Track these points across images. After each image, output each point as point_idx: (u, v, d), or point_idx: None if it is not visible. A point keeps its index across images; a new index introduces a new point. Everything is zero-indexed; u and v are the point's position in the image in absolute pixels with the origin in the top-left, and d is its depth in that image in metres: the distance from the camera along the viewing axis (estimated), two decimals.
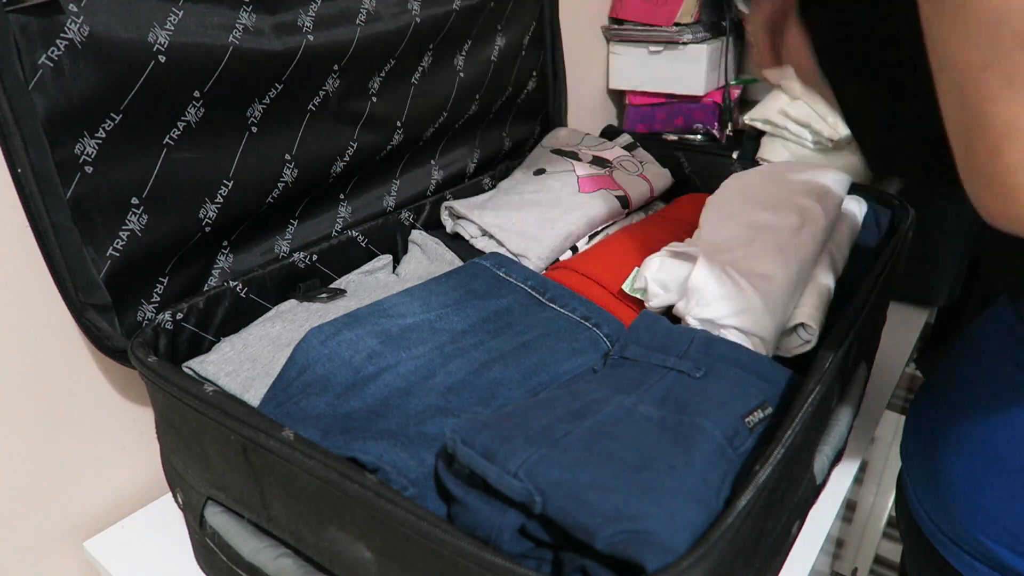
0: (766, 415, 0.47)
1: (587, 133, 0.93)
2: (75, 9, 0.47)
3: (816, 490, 0.50)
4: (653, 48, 1.14)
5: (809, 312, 0.58)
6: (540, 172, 0.83)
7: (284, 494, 0.43)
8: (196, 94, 0.55)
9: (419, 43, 0.72)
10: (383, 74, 0.70)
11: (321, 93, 0.64)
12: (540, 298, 0.62)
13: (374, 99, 0.70)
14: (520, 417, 0.44)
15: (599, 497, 0.37)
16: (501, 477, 0.39)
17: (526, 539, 0.39)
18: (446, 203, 0.78)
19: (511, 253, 0.71)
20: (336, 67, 0.64)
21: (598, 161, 0.84)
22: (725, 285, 0.57)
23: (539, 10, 0.90)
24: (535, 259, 0.71)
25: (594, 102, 1.22)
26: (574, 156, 0.85)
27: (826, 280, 0.62)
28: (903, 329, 0.90)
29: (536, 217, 0.73)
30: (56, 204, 0.50)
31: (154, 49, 0.51)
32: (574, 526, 0.36)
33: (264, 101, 0.60)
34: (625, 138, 0.90)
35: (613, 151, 0.87)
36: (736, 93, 1.19)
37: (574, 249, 0.75)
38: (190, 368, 0.55)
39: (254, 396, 0.52)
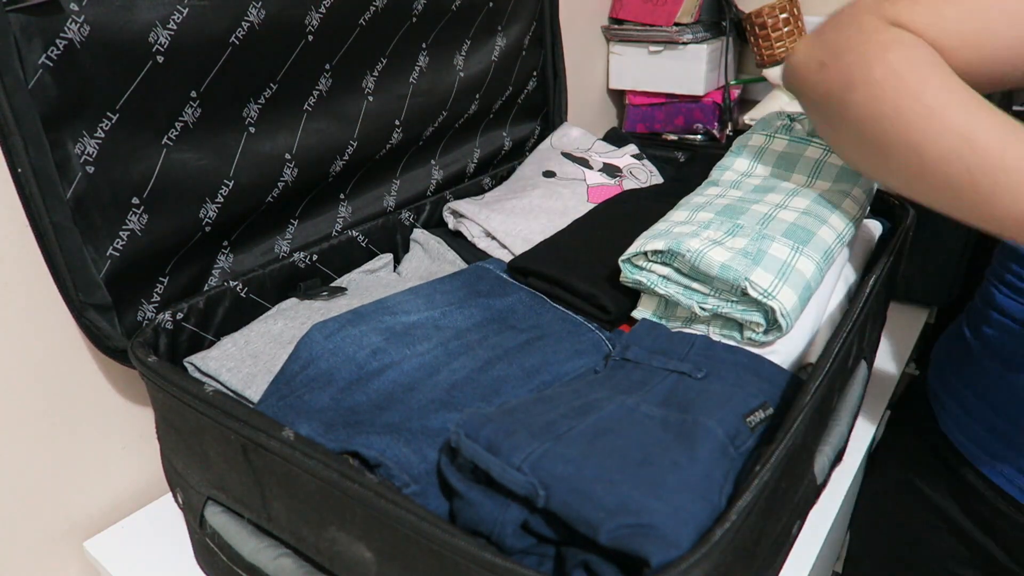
0: (767, 415, 0.47)
1: (598, 138, 0.93)
2: (75, 8, 0.47)
3: (817, 490, 0.50)
4: (653, 48, 1.14)
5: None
6: (550, 174, 0.82)
7: (284, 494, 0.43)
8: (192, 94, 0.55)
9: (415, 41, 0.72)
10: (376, 73, 0.70)
11: (315, 92, 0.64)
12: (544, 298, 0.62)
13: (370, 98, 0.70)
14: (523, 412, 0.44)
15: (603, 491, 0.36)
16: (505, 471, 0.39)
17: (529, 534, 0.39)
18: (449, 204, 0.78)
19: None
20: (328, 66, 0.64)
21: (608, 169, 0.84)
22: None
23: (539, 10, 0.90)
24: None
25: (594, 102, 1.22)
26: (584, 163, 0.85)
27: (826, 288, 0.61)
28: (903, 329, 0.90)
29: (543, 225, 0.73)
30: (56, 204, 0.50)
31: (153, 49, 0.51)
32: (577, 520, 0.36)
33: (259, 101, 0.60)
34: (632, 148, 0.90)
35: (624, 159, 0.87)
36: (736, 93, 1.19)
37: None
38: (191, 363, 0.55)
39: (255, 392, 0.52)
